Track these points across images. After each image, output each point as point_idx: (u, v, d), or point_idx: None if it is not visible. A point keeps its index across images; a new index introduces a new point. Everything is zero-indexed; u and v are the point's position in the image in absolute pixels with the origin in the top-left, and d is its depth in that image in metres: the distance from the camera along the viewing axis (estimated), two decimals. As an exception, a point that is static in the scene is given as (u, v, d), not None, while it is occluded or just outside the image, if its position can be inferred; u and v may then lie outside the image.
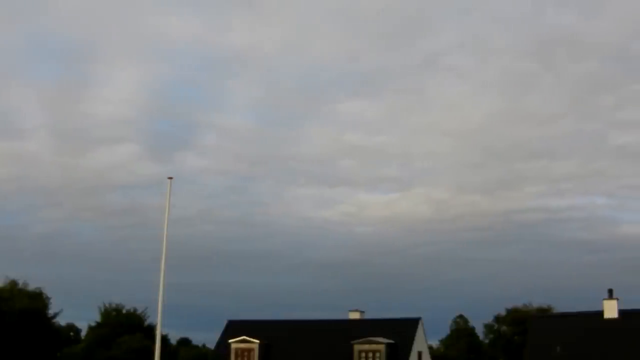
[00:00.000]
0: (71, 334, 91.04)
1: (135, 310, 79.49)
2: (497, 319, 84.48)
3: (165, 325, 58.75)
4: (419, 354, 50.60)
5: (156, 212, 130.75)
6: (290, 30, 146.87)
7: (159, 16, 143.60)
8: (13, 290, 71.45)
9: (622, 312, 43.42)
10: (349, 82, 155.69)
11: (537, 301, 79.64)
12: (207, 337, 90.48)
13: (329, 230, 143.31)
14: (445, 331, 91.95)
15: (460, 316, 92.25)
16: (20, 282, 73.38)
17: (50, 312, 74.41)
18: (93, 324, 79.89)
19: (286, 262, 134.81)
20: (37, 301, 71.51)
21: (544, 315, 63.63)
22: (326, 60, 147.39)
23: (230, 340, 52.41)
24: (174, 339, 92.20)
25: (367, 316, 55.03)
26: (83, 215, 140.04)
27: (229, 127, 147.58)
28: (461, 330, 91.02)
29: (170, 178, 36.55)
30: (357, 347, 48.50)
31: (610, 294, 44.15)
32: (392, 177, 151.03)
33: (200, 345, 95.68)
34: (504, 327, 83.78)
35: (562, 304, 72.37)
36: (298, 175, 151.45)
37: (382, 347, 48.07)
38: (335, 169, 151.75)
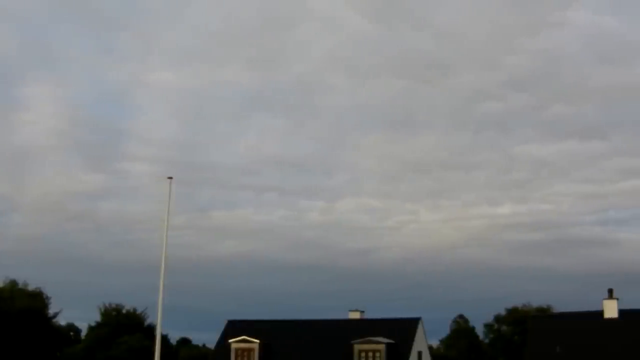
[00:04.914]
0: (71, 334, 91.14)
1: (135, 310, 79.55)
2: (497, 319, 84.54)
3: (165, 325, 58.83)
4: (419, 354, 50.58)
5: (108, 218, 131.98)
6: (175, 55, 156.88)
7: (68, 42, 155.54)
8: (13, 290, 71.56)
9: (622, 312, 43.45)
10: (244, 101, 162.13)
11: (536, 301, 79.93)
12: (206, 337, 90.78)
13: (278, 234, 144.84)
14: (445, 331, 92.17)
15: (461, 316, 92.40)
16: (20, 282, 73.62)
17: (50, 312, 74.62)
18: (93, 323, 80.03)
19: (257, 264, 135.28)
20: (37, 301, 71.61)
21: (544, 315, 63.63)
22: (216, 83, 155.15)
23: (230, 340, 52.39)
24: (174, 339, 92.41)
25: (367, 316, 55.05)
26: (42, 220, 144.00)
27: (153, 138, 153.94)
28: (461, 331, 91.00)
29: (170, 178, 35.90)
30: (357, 347, 48.48)
31: (610, 294, 44.14)
32: (321, 186, 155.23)
33: (200, 345, 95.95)
34: (504, 327, 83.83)
35: (562, 304, 72.46)
36: (230, 182, 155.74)
37: (382, 347, 48.07)
38: (263, 177, 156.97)
